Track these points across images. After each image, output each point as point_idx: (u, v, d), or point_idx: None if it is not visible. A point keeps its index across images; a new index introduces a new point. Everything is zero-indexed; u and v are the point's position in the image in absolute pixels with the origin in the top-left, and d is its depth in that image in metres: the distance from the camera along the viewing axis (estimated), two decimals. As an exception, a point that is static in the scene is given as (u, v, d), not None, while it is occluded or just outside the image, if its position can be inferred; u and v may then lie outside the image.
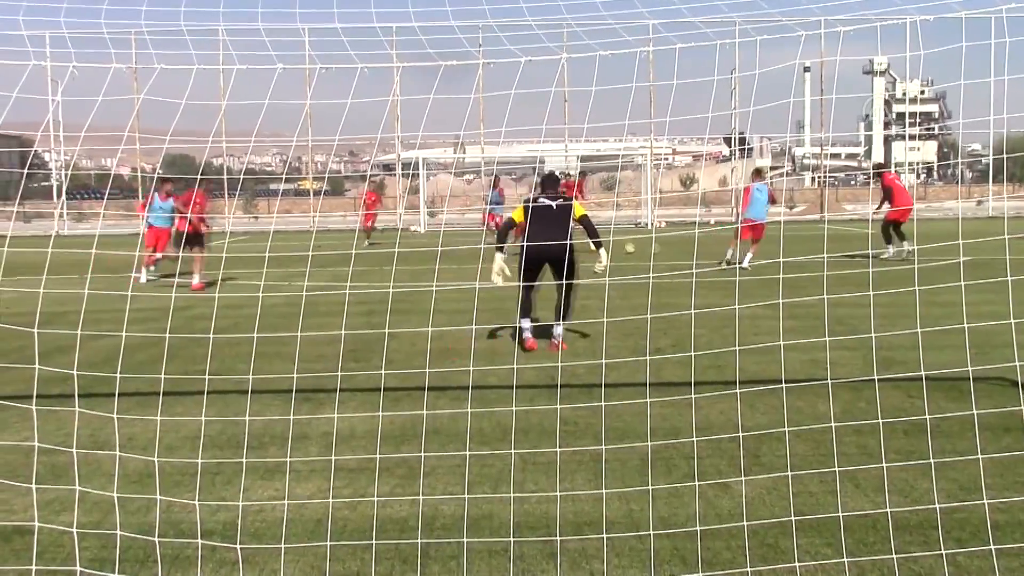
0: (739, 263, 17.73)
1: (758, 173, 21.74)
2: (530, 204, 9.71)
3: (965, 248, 5.65)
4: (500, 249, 9.64)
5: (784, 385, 5.93)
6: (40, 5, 5.73)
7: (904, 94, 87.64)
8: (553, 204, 9.84)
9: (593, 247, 9.82)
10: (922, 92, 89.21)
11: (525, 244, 9.65)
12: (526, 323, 9.75)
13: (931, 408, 6.51)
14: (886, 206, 20.21)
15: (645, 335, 9.86)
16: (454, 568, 4.21)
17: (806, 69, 63.78)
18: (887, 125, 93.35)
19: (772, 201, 20.15)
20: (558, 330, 9.72)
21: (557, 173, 12.24)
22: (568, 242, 9.56)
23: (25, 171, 45.30)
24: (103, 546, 4.55)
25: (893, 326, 8.31)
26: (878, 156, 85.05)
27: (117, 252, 5.99)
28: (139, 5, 5.64)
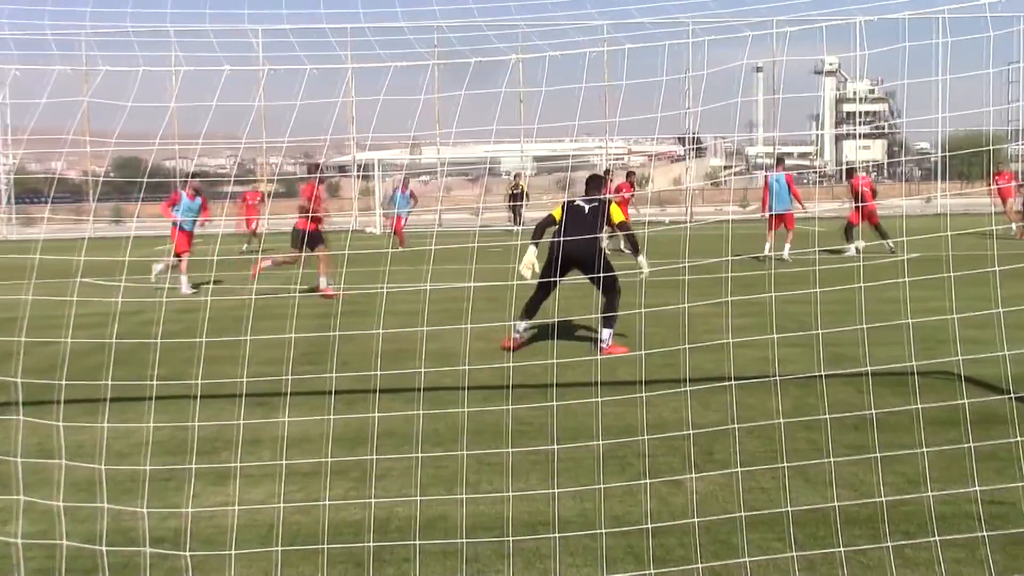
0: (773, 254, 17.98)
1: (780, 162, 21.91)
2: (567, 205, 9.55)
3: (913, 245, 5.72)
4: (535, 244, 9.38)
5: (734, 382, 5.99)
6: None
7: (854, 93, 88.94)
8: (586, 206, 9.52)
9: (631, 253, 9.59)
10: (871, 91, 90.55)
11: (553, 243, 9.39)
12: (522, 325, 9.61)
13: (878, 403, 6.61)
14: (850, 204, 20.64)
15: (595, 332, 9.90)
16: (408, 571, 4.20)
17: (758, 69, 64.53)
18: (838, 124, 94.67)
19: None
20: (605, 334, 9.50)
21: (603, 171, 11.97)
22: (594, 242, 9.34)
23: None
24: (49, 556, 4.47)
25: (842, 323, 8.42)
26: (828, 155, 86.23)
27: (60, 257, 5.89)
28: (84, 6, 5.56)
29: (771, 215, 19.72)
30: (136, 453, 6.19)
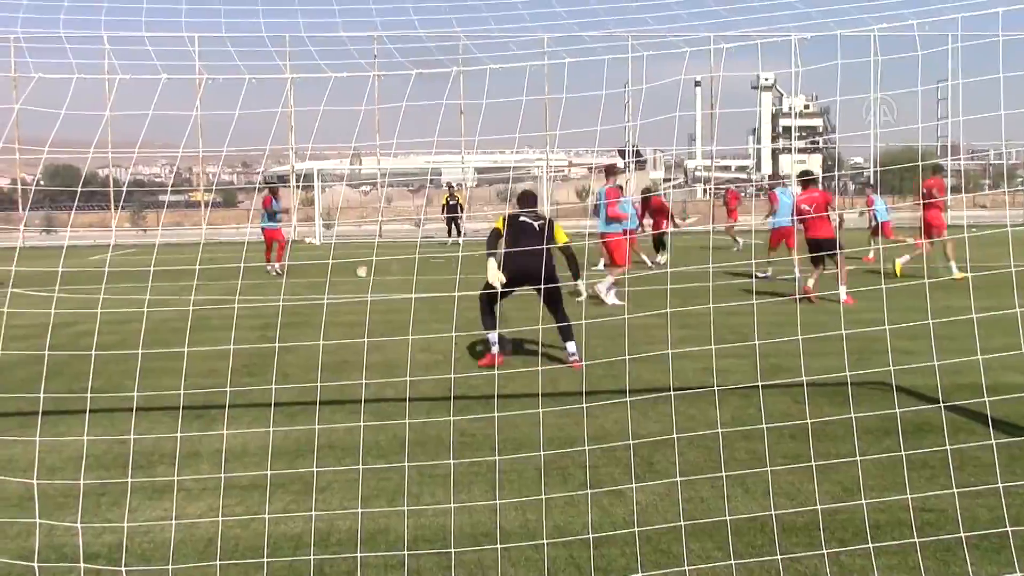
0: (760, 274, 17.37)
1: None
2: (512, 219, 9.61)
3: (851, 257, 5.84)
4: (493, 255, 9.38)
5: (674, 393, 6.05)
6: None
7: (791, 108, 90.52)
8: (535, 223, 9.71)
9: (572, 275, 9.67)
10: (806, 107, 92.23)
11: (506, 257, 9.40)
12: (494, 336, 9.64)
13: (815, 413, 6.73)
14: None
15: (542, 345, 9.94)
16: (350, 584, 4.17)
17: (697, 84, 65.38)
18: (775, 138, 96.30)
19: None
20: (571, 348, 9.55)
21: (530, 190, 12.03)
22: (542, 261, 9.11)
23: None
24: (-21, 573, 4.36)
25: (781, 334, 8.56)
26: (767, 168, 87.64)
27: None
28: (16, 12, 5.44)
29: (773, 229, 18.96)
30: (69, 467, 6.06)
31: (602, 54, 5.89)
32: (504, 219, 9.65)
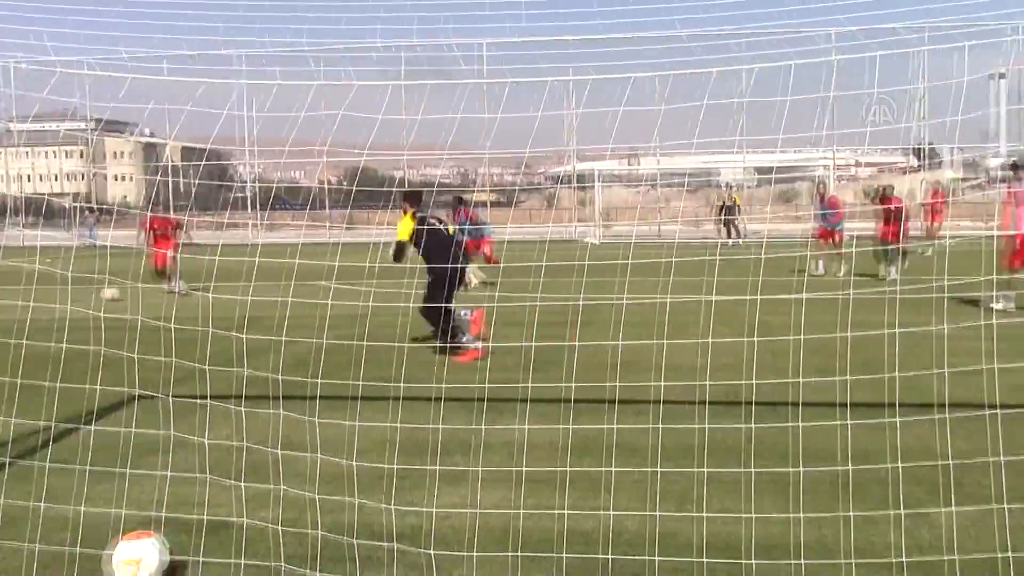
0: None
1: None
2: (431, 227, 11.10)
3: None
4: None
5: (988, 412, 5.58)
6: (238, 26, 6.06)
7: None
8: (448, 228, 11.40)
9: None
10: None
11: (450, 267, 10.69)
12: (468, 337, 10.95)
13: None
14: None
15: (833, 353, 9.50)
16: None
17: (1001, 76, 60.09)
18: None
19: None
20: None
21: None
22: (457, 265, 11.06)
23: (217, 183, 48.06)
24: (299, 544, 4.75)
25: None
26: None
27: (310, 261, 6.25)
28: (337, 25, 5.86)
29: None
30: (373, 450, 6.47)
31: (910, 46, 5.52)
32: (417, 229, 10.79)
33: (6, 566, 4.74)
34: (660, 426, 4.86)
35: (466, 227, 21.48)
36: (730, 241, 33.43)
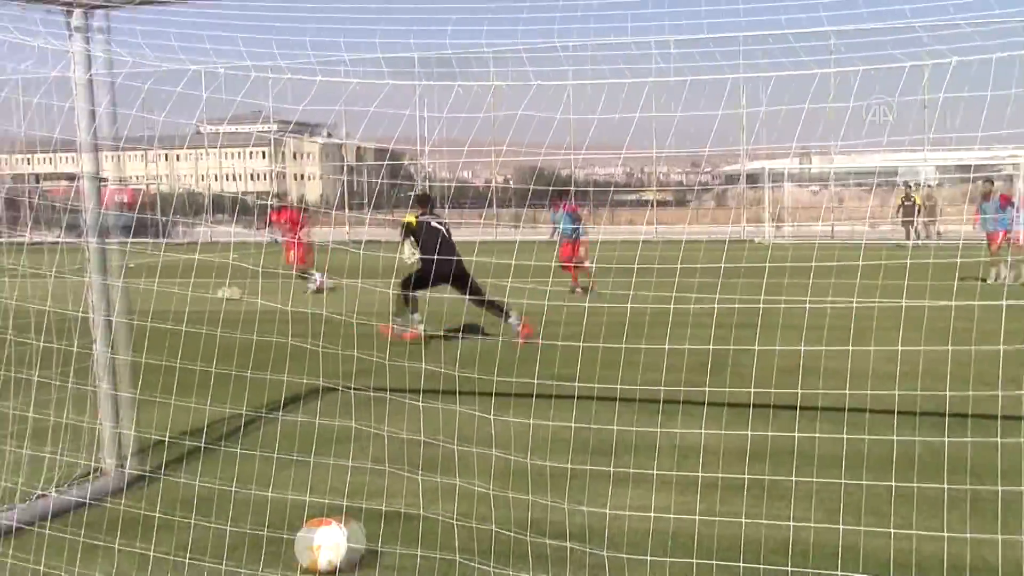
0: None
1: None
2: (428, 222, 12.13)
3: None
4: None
5: None
6: (426, 28, 6.18)
7: None
8: (443, 227, 12.08)
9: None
10: None
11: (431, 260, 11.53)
12: (418, 316, 11.81)
13: None
14: None
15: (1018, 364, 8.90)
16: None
17: None
18: None
19: None
20: (513, 321, 11.67)
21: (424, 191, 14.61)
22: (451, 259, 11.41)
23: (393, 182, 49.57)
24: (470, 538, 4.81)
25: None
26: None
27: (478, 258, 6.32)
28: (516, 25, 5.89)
29: None
30: (540, 449, 6.47)
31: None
32: (418, 223, 12.11)
33: (199, 545, 4.99)
34: (844, 436, 4.66)
35: (561, 223, 19.80)
36: (910, 242, 31.91)
